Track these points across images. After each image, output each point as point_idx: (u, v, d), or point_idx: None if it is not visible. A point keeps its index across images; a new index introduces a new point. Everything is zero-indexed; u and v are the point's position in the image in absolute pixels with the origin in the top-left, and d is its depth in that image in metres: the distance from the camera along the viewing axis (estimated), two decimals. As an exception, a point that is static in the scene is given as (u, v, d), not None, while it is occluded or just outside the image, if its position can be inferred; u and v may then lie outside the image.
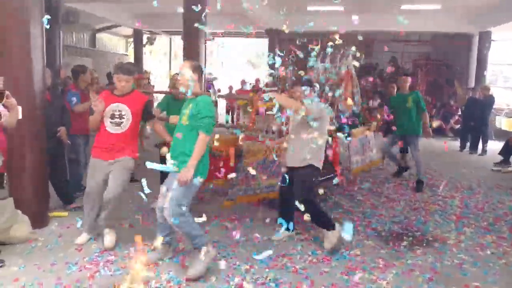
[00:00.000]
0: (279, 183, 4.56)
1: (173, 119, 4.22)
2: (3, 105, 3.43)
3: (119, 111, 3.85)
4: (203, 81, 8.04)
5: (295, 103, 3.90)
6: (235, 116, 12.92)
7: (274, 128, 5.23)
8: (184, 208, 3.36)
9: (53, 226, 4.41)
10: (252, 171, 4.16)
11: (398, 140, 6.89)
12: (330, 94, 4.94)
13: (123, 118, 3.86)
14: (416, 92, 6.87)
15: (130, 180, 6.26)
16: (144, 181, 3.50)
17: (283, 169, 4.34)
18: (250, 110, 5.27)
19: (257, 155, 5.01)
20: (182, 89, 3.51)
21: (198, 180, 3.42)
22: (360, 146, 6.19)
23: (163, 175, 4.32)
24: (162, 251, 3.74)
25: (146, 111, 4.01)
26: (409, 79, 6.92)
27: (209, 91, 9.70)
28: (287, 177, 4.12)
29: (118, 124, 3.85)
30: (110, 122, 3.84)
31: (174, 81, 4.91)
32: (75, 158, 5.34)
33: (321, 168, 4.19)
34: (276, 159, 4.84)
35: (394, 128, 6.84)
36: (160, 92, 8.09)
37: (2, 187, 3.74)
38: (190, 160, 3.32)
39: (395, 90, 7.66)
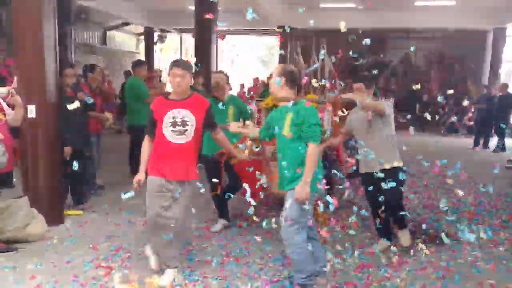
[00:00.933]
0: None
1: (234, 127, 3.53)
2: (8, 104, 3.50)
3: (182, 117, 3.24)
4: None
5: (381, 104, 3.73)
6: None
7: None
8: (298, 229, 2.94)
9: (68, 224, 4.46)
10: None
11: None
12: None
13: (187, 125, 3.25)
14: None
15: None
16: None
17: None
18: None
19: None
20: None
21: (314, 195, 3.01)
22: None
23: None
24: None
25: (209, 119, 3.40)
26: None
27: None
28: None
29: (182, 133, 3.25)
30: (172, 131, 3.24)
31: (218, 80, 4.29)
32: (89, 156, 5.39)
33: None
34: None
35: None
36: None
37: (12, 186, 3.79)
38: (305, 175, 2.89)
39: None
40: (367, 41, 3.54)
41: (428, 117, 4.61)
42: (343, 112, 3.84)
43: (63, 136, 4.57)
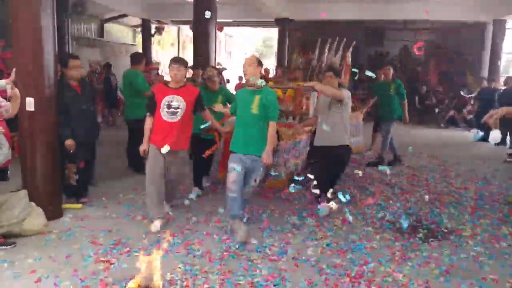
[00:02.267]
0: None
1: (218, 107, 4.78)
2: (6, 98, 3.45)
3: (174, 102, 4.19)
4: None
5: (336, 91, 4.57)
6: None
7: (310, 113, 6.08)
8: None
9: (67, 218, 4.41)
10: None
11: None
12: None
13: (178, 109, 4.18)
14: (397, 80, 7.36)
15: (142, 172, 6.31)
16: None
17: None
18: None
19: (291, 138, 5.73)
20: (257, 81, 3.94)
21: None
22: None
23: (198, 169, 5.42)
24: (240, 228, 3.97)
25: (199, 103, 4.37)
26: (392, 68, 7.44)
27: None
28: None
29: (174, 114, 4.17)
30: (166, 112, 4.16)
31: (210, 74, 5.27)
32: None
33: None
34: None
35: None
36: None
37: (7, 179, 3.76)
38: (268, 145, 3.92)
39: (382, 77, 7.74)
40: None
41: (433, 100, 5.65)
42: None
43: (72, 129, 4.53)
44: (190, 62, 12.18)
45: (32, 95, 4.05)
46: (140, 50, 16.48)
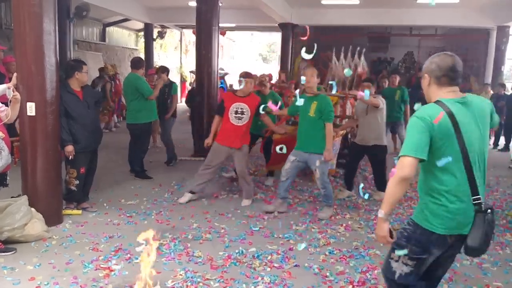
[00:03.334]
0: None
1: (276, 110, 5.04)
2: (4, 103, 3.43)
3: (241, 108, 5.02)
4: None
5: (374, 99, 5.18)
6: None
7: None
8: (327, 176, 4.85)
9: (67, 224, 4.38)
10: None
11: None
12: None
13: (244, 114, 5.02)
14: (402, 87, 8.51)
15: (144, 177, 6.29)
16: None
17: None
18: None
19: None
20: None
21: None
22: None
23: None
24: (278, 204, 4.97)
25: (258, 109, 4.99)
26: (398, 77, 8.56)
27: (222, 87, 9.64)
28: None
29: (240, 118, 5.01)
30: (234, 116, 5.00)
31: (262, 79, 6.16)
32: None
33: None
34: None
35: None
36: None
37: (6, 185, 3.73)
38: (327, 144, 4.65)
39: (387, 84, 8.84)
40: None
41: None
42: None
43: (74, 135, 4.51)
44: (193, 67, 12.16)
45: (33, 99, 4.03)
46: (143, 54, 16.51)
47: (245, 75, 5.13)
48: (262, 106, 4.91)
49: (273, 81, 13.31)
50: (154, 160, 7.37)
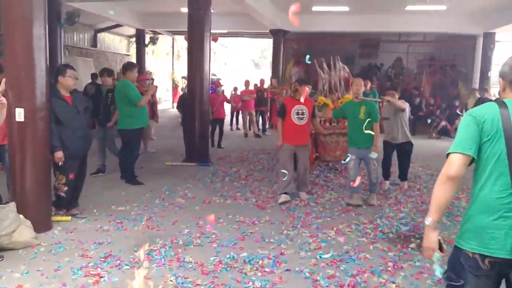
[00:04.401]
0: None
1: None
2: None
3: (301, 110, 5.67)
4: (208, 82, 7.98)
5: (401, 103, 6.16)
6: (240, 117, 12.79)
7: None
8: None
9: (56, 231, 4.34)
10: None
11: None
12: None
13: (304, 115, 5.68)
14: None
15: (135, 183, 6.27)
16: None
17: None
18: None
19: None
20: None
21: None
22: None
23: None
24: (357, 198, 5.63)
25: (313, 111, 5.92)
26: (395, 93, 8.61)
27: (212, 91, 9.63)
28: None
29: (302, 119, 5.66)
30: (296, 117, 5.64)
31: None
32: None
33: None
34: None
35: None
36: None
37: None
38: (375, 141, 5.47)
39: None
40: None
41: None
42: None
43: (64, 141, 4.47)
44: (185, 72, 12.12)
45: (22, 105, 4.00)
46: (134, 60, 16.49)
47: (304, 82, 5.86)
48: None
49: (265, 86, 13.40)
50: (145, 166, 7.34)
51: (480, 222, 1.92)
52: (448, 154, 1.99)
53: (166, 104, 20.17)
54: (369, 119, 5.46)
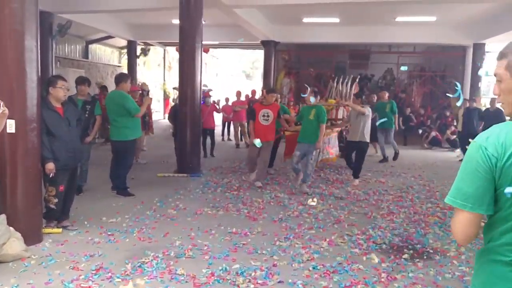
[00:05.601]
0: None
1: (286, 117, 7.67)
2: None
3: (267, 113, 7.01)
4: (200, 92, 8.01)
5: (361, 108, 7.19)
6: (231, 127, 12.80)
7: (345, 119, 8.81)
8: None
9: (47, 243, 4.29)
10: None
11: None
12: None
13: (269, 117, 7.02)
14: (392, 101, 10.33)
15: (126, 194, 6.22)
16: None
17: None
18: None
19: (327, 135, 8.20)
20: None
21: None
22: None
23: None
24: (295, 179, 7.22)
25: (279, 114, 7.17)
26: (387, 93, 10.61)
27: (203, 101, 9.66)
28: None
29: (267, 120, 7.00)
30: (262, 118, 7.00)
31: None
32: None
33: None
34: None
35: None
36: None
37: None
38: (320, 137, 6.69)
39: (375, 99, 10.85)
40: None
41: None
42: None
43: (54, 152, 4.44)
44: (176, 83, 12.14)
45: (13, 116, 3.97)
46: (126, 71, 16.49)
47: (268, 91, 7.52)
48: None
49: (257, 97, 13.44)
50: (136, 177, 7.31)
51: None
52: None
53: (158, 115, 20.14)
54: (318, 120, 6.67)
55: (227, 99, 13.16)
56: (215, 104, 10.96)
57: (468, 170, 1.42)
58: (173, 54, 20.15)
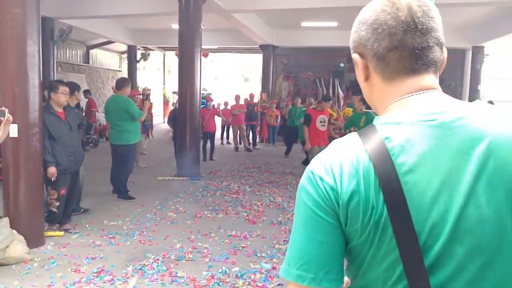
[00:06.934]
0: None
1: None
2: None
3: (323, 119, 7.23)
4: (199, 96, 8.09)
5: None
6: (231, 132, 12.86)
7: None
8: None
9: (49, 246, 4.34)
10: None
11: None
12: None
13: (325, 122, 7.26)
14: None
15: (127, 198, 6.28)
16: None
17: None
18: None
19: None
20: None
21: None
22: None
23: None
24: None
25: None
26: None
27: (204, 105, 9.74)
28: None
29: (323, 125, 7.20)
30: (320, 124, 7.16)
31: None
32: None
33: None
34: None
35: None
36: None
37: None
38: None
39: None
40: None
41: None
42: None
43: (56, 156, 4.51)
44: (175, 88, 12.22)
45: (16, 121, 4.03)
46: (126, 76, 16.58)
47: (328, 100, 7.68)
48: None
49: (255, 100, 13.52)
50: (137, 180, 7.36)
51: None
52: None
53: (157, 119, 20.21)
54: None
55: (226, 103, 13.22)
56: (216, 108, 11.03)
57: (301, 216, 0.86)
58: (172, 58, 20.23)
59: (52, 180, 4.51)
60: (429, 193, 0.77)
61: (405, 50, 0.85)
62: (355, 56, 0.95)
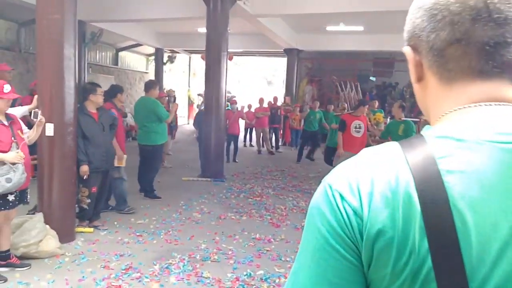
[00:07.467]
0: None
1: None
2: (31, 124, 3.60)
3: (359, 125, 6.60)
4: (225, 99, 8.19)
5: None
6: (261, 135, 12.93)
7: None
8: None
9: (79, 242, 4.49)
10: None
11: None
12: None
13: (361, 128, 6.62)
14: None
15: (153, 197, 6.41)
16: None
17: None
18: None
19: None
20: None
21: None
22: None
23: None
24: None
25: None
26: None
27: (228, 108, 9.86)
28: None
29: (359, 131, 6.59)
30: (355, 130, 6.57)
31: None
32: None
33: None
34: None
35: None
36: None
37: (27, 202, 3.84)
38: None
39: None
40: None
41: None
42: None
43: (88, 155, 4.67)
44: (200, 90, 12.33)
45: (52, 120, 4.21)
46: (153, 78, 16.87)
47: (365, 104, 7.16)
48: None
49: (279, 104, 13.57)
50: (162, 180, 7.50)
51: None
52: None
53: (182, 120, 20.48)
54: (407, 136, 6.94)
55: (249, 106, 13.32)
56: (241, 111, 11.15)
57: (309, 244, 0.64)
58: (197, 61, 20.47)
59: (84, 178, 4.66)
60: (495, 243, 0.55)
61: (471, 45, 0.62)
62: (406, 50, 0.75)
